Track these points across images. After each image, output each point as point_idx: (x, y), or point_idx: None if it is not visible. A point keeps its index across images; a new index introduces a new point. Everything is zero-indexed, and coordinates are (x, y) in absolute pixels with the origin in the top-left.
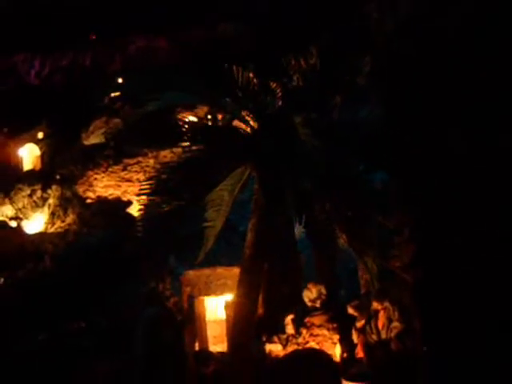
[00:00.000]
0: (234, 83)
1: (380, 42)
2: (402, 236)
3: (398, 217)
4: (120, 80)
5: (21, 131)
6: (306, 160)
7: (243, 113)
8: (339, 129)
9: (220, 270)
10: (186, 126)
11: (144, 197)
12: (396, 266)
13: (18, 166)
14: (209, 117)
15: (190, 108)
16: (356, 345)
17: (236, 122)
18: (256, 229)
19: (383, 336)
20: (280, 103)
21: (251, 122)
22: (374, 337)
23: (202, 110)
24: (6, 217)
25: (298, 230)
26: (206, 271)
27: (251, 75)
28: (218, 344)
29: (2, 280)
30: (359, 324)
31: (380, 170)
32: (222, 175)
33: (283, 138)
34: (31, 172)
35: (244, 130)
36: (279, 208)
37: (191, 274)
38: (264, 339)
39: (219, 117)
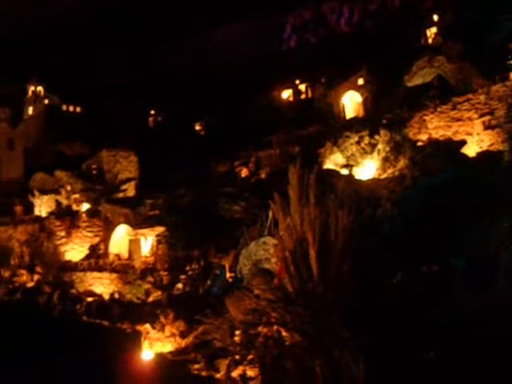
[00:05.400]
0: None
1: None
2: None
3: None
4: (435, 17)
5: (340, 80)
6: None
7: None
8: None
9: None
10: None
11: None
12: None
13: (340, 114)
14: None
15: None
16: None
17: None
18: None
19: None
20: None
21: None
22: None
23: None
24: (337, 165)
25: None
26: None
27: None
28: None
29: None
30: None
31: None
32: None
33: None
34: (355, 119)
35: None
36: None
37: None
38: None
39: None
